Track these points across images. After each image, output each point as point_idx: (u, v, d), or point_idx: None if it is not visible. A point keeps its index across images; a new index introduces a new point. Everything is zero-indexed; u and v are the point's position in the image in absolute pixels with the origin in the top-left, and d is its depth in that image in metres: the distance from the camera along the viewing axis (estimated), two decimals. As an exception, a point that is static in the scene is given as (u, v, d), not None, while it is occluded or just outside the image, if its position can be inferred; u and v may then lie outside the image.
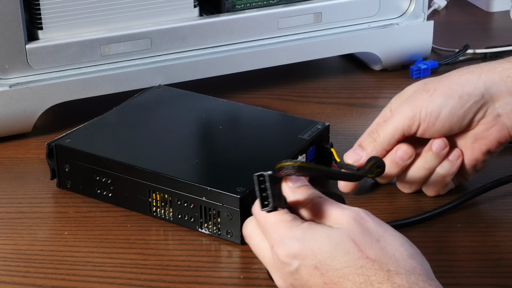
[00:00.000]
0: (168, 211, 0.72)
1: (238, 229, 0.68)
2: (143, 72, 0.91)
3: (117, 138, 0.78)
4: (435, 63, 1.03)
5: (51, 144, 0.77)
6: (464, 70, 0.72)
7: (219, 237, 0.70)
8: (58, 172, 0.77)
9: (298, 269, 0.56)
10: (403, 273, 0.54)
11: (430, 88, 0.71)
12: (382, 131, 0.72)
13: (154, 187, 0.72)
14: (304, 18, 0.97)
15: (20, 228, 0.73)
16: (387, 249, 0.55)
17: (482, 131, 0.71)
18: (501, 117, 0.70)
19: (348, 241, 0.55)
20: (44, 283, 0.65)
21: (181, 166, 0.73)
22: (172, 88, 0.89)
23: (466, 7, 1.28)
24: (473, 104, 0.70)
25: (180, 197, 0.71)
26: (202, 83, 0.94)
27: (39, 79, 0.87)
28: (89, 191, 0.76)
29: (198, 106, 0.84)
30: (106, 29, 0.89)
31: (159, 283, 0.65)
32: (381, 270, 0.54)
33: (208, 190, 0.69)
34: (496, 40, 1.12)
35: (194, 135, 0.80)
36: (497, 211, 0.74)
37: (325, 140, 0.79)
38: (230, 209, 0.68)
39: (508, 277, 0.65)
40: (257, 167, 0.70)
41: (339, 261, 0.54)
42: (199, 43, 0.93)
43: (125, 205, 0.74)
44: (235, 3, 0.95)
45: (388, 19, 1.01)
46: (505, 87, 0.70)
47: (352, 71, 1.05)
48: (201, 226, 0.70)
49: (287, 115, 0.84)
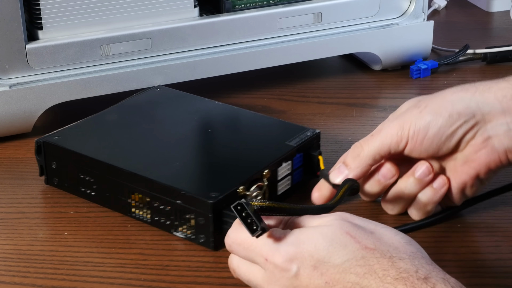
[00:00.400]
0: (146, 213, 0.72)
1: (210, 235, 0.68)
2: (143, 72, 0.91)
3: (105, 138, 0.79)
4: (435, 63, 1.03)
5: (39, 141, 0.77)
6: (458, 88, 0.68)
7: (193, 241, 0.69)
8: (46, 169, 0.78)
9: (297, 273, 0.55)
10: (406, 257, 0.53)
11: (421, 105, 0.68)
12: (367, 146, 0.69)
13: (132, 188, 0.72)
14: (304, 18, 0.97)
15: (20, 228, 0.73)
16: (384, 239, 0.55)
17: (470, 154, 0.67)
18: (491, 139, 0.66)
19: (343, 235, 0.54)
20: (44, 283, 0.65)
21: (160, 168, 0.72)
22: (170, 89, 0.89)
23: (466, 7, 1.28)
24: (463, 124, 0.66)
25: (157, 199, 0.70)
26: (202, 83, 0.94)
27: (39, 79, 0.87)
28: (75, 189, 0.77)
29: (192, 108, 0.84)
30: (106, 29, 0.89)
31: (159, 283, 0.65)
32: (383, 257, 0.53)
33: (182, 193, 0.68)
34: (496, 40, 1.12)
35: (181, 137, 0.79)
36: (497, 211, 0.74)
37: (314, 147, 0.77)
38: (203, 214, 0.67)
39: (508, 277, 0.65)
40: (236, 173, 0.70)
41: (338, 256, 0.54)
42: (199, 43, 0.93)
43: (107, 205, 0.75)
44: (235, 3, 0.95)
45: (388, 19, 1.01)
46: (500, 107, 0.66)
47: (352, 71, 1.05)
48: (176, 229, 0.70)
49: (280, 121, 0.82)
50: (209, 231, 0.68)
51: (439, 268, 0.54)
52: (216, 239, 0.68)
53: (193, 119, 0.82)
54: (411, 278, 0.51)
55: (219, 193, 0.67)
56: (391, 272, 0.52)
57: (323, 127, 0.90)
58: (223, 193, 0.67)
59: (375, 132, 0.69)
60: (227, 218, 0.67)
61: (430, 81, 1.02)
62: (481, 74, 1.04)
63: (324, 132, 0.89)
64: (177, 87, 0.90)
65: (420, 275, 0.52)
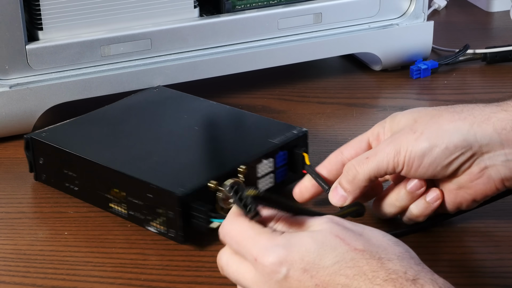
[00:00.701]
0: (123, 207, 0.72)
1: (179, 229, 0.68)
2: (143, 73, 0.91)
3: (91, 135, 0.79)
4: (435, 63, 1.03)
5: (28, 137, 0.78)
6: (455, 115, 0.65)
7: (165, 236, 0.69)
8: (34, 165, 0.78)
9: (286, 276, 0.54)
10: (395, 258, 0.53)
11: (417, 129, 0.66)
12: (362, 169, 0.67)
13: (110, 183, 0.72)
14: (304, 18, 0.97)
15: (20, 228, 0.73)
16: (372, 241, 0.55)
17: (466, 182, 0.66)
18: (488, 169, 0.65)
19: (332, 238, 0.54)
20: (44, 283, 0.66)
21: (137, 164, 0.72)
22: (168, 89, 0.89)
23: (466, 7, 1.28)
24: (460, 156, 0.65)
25: (132, 194, 0.71)
26: (202, 83, 0.94)
27: (39, 80, 0.87)
28: (60, 185, 0.77)
29: (184, 107, 0.84)
30: (106, 30, 0.89)
31: (159, 283, 0.65)
32: (372, 258, 0.53)
33: (152, 187, 0.68)
34: (496, 40, 1.12)
35: (166, 134, 0.79)
36: (497, 211, 0.74)
37: (301, 146, 0.76)
38: (172, 208, 0.67)
39: (508, 277, 0.65)
40: (211, 168, 0.70)
41: (327, 259, 0.54)
42: (199, 43, 0.93)
43: (89, 201, 0.75)
44: (235, 4, 0.95)
45: (388, 19, 1.01)
46: (498, 139, 0.64)
47: (352, 71, 1.05)
48: (149, 224, 0.70)
49: (269, 120, 0.80)
50: (177, 225, 0.68)
51: (427, 268, 0.54)
52: (185, 233, 0.68)
53: (182, 117, 0.82)
54: (400, 279, 0.52)
55: (188, 187, 0.67)
56: (380, 274, 0.52)
57: (323, 127, 0.90)
58: (192, 188, 0.67)
59: (371, 154, 0.67)
60: (196, 212, 0.67)
61: (430, 81, 1.02)
62: (481, 74, 1.04)
63: (324, 132, 0.89)
64: (177, 87, 0.90)
65: (409, 276, 0.52)
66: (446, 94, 0.99)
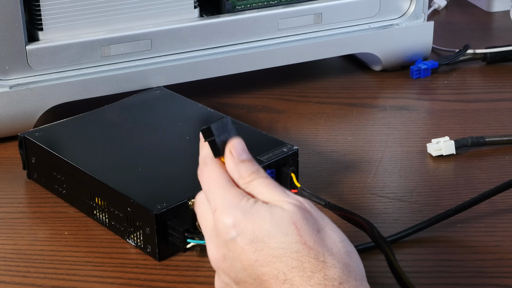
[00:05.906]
0: (105, 216, 0.72)
1: (155, 245, 0.67)
2: (143, 73, 0.91)
3: (82, 138, 0.79)
4: (435, 63, 1.03)
5: (21, 135, 0.78)
6: None
7: (142, 250, 0.69)
8: (27, 163, 0.79)
9: (234, 239, 0.55)
10: (338, 267, 0.53)
11: None
12: None
13: (93, 191, 0.72)
14: (304, 19, 0.97)
15: (20, 228, 0.73)
16: (326, 241, 0.54)
17: None
18: None
19: (289, 224, 0.54)
20: (44, 283, 0.66)
21: (120, 174, 0.72)
22: (169, 91, 0.88)
23: (466, 7, 1.28)
24: None
25: (112, 205, 0.70)
26: (202, 83, 0.94)
27: (39, 80, 0.87)
28: (49, 186, 0.77)
29: (181, 114, 0.83)
30: (106, 30, 0.89)
31: (159, 283, 0.65)
32: (316, 259, 0.53)
33: (131, 202, 0.68)
34: (496, 40, 1.12)
35: (155, 143, 0.77)
36: (497, 211, 0.74)
37: (290, 164, 0.74)
38: (149, 225, 0.67)
39: (508, 277, 0.65)
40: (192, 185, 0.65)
41: (275, 241, 0.53)
42: (200, 44, 0.93)
43: (75, 205, 0.75)
44: (235, 4, 0.95)
45: (388, 19, 1.01)
46: None
47: (352, 71, 1.05)
48: (128, 236, 0.70)
49: (262, 134, 0.78)
50: (154, 241, 0.67)
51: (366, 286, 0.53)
52: (161, 251, 0.67)
53: (176, 125, 0.81)
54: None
55: (165, 205, 0.67)
56: (317, 276, 0.52)
57: (323, 127, 0.90)
58: (168, 205, 0.67)
59: None
60: (172, 231, 0.66)
61: (430, 81, 1.02)
62: (481, 74, 1.04)
63: (324, 132, 0.89)
64: (177, 88, 0.90)
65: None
66: (446, 94, 0.99)
